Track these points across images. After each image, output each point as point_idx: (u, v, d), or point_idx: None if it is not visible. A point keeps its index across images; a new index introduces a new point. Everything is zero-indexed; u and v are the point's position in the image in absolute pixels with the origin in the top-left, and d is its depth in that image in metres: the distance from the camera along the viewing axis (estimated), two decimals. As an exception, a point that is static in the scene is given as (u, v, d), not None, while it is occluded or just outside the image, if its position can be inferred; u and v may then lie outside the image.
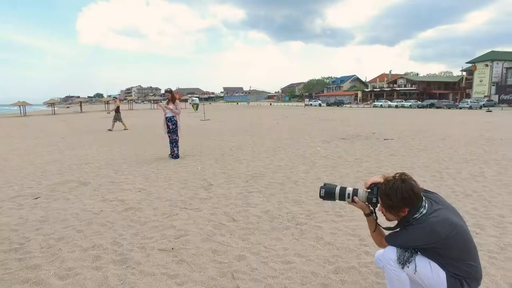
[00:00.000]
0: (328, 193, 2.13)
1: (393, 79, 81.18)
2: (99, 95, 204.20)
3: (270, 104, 78.87)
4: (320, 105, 66.88)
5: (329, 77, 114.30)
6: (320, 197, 2.14)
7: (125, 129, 16.92)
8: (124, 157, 8.64)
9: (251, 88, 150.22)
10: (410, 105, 52.00)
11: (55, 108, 55.29)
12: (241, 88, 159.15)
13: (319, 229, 3.67)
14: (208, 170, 6.71)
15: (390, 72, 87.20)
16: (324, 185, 2.17)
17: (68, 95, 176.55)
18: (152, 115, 33.33)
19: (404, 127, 15.48)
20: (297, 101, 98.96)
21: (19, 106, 49.36)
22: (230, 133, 13.65)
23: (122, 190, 5.39)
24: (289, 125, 17.51)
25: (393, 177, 1.94)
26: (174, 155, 8.11)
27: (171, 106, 7.97)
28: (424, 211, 1.85)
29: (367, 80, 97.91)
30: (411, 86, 73.08)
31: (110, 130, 16.74)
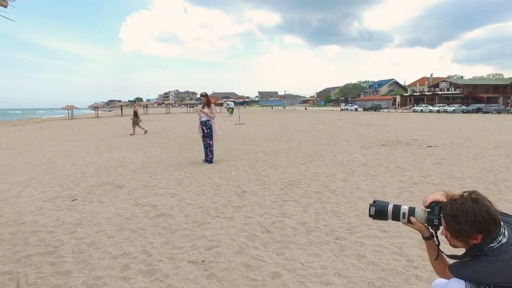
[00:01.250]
0: (379, 211, 1.83)
1: (434, 83, 77.42)
2: (139, 99, 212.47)
3: (305, 108, 78.04)
4: (356, 109, 65.16)
5: (365, 81, 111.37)
6: (370, 216, 1.85)
7: (132, 134, 16.92)
8: (159, 161, 8.70)
9: (286, 92, 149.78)
10: (454, 109, 49.24)
11: (98, 112, 58.12)
12: (276, 93, 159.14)
13: (360, 245, 3.34)
14: (242, 176, 6.54)
15: (431, 75, 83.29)
16: (374, 202, 1.87)
17: (110, 99, 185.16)
18: (188, 119, 33.99)
19: (449, 134, 14.51)
20: (333, 105, 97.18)
21: (68, 109, 52.42)
22: (264, 138, 13.46)
23: (155, 195, 5.34)
24: (325, 130, 17.04)
25: (460, 195, 1.61)
26: (208, 160, 8.03)
27: (206, 110, 7.91)
28: (504, 240, 1.51)
29: (406, 84, 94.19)
30: (455, 90, 69.23)
31: (132, 134, 16.90)
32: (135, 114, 17.37)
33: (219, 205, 4.70)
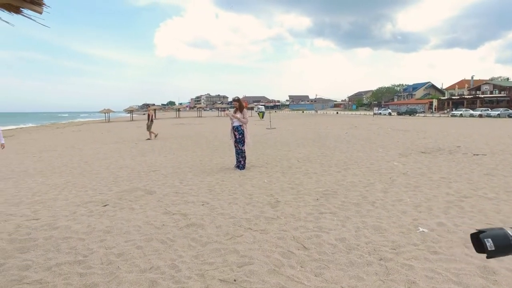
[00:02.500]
0: (503, 245, 1.16)
1: (475, 85, 73.37)
2: (171, 103, 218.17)
3: (337, 112, 76.57)
4: (390, 114, 63.00)
5: (399, 84, 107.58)
6: (486, 252, 1.20)
7: (148, 139, 16.63)
8: (190, 166, 8.63)
9: (317, 96, 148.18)
10: (499, 114, 46.23)
11: (133, 115, 60.13)
12: (307, 96, 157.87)
13: (409, 269, 2.99)
14: (274, 184, 6.29)
15: (472, 77, 79.03)
16: (480, 232, 1.17)
17: (144, 102, 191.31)
18: (219, 123, 34.23)
19: (497, 140, 13.48)
20: (365, 109, 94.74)
21: (105, 113, 54.68)
22: (296, 143, 13.14)
23: (186, 203, 5.20)
24: (359, 135, 16.43)
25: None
26: (240, 166, 7.86)
27: (238, 115, 7.75)
28: None
29: (444, 87, 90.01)
30: (499, 93, 65.21)
31: (149, 139, 16.71)
32: (149, 118, 16.97)
33: (251, 216, 4.48)
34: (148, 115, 17.03)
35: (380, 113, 63.94)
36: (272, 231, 3.94)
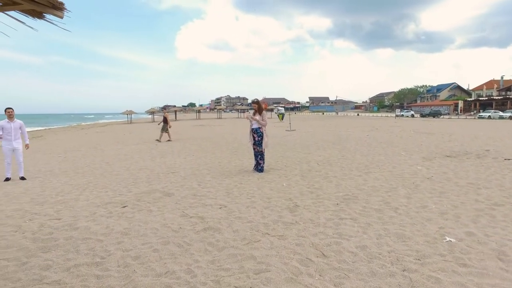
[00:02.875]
0: None
1: (505, 86, 70.46)
2: (192, 104, 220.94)
3: (357, 114, 75.38)
4: (412, 116, 61.41)
5: (423, 85, 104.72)
6: None
7: (168, 140, 16.66)
8: (209, 167, 8.63)
9: (337, 98, 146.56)
10: (531, 116, 44.22)
11: (154, 116, 61.20)
12: (327, 98, 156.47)
13: (436, 282, 2.82)
14: (293, 188, 6.17)
15: (501, 77, 75.94)
16: None
17: (166, 104, 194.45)
18: (239, 124, 34.35)
19: (528, 144, 12.83)
20: (387, 111, 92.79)
21: (127, 114, 55.90)
22: (316, 146, 12.95)
23: (203, 205, 5.17)
24: (381, 138, 16.04)
25: None
26: (259, 169, 7.78)
27: (257, 117, 7.68)
28: None
29: (470, 88, 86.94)
30: (531, 94, 62.36)
31: (158, 140, 16.74)
32: (165, 120, 17.04)
33: (269, 221, 4.39)
34: (165, 117, 17.12)
35: (403, 115, 62.43)
36: (290, 237, 3.84)
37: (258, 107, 7.75)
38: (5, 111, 7.99)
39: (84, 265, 3.32)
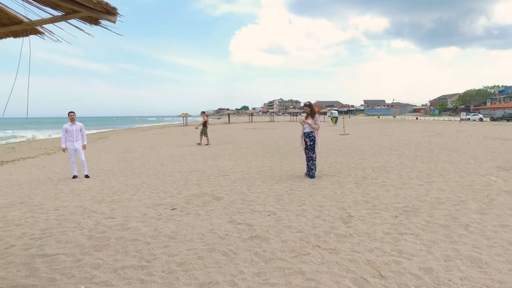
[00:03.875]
0: None
1: None
2: (245, 108, 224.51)
3: (416, 118, 70.86)
4: (481, 119, 56.14)
5: (494, 86, 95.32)
6: None
7: (206, 144, 16.45)
8: (259, 172, 8.50)
9: (394, 101, 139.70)
10: None
11: (208, 119, 63.08)
12: (383, 101, 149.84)
13: (523, 319, 2.34)
14: (347, 196, 5.78)
15: None
16: None
17: (220, 107, 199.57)
18: (291, 127, 34.04)
19: None
20: (449, 114, 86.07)
21: (182, 117, 58.34)
22: (372, 151, 12.24)
23: (252, 212, 5.02)
24: (444, 144, 14.74)
25: None
26: (311, 174, 7.47)
27: (309, 121, 7.39)
28: None
29: (554, 89, 77.39)
30: None
31: (199, 144, 16.69)
32: (204, 124, 16.74)
33: (320, 232, 4.09)
34: (205, 121, 16.85)
35: (469, 119, 57.38)
36: (344, 251, 3.51)
37: (311, 110, 7.45)
38: (68, 114, 8.61)
39: (131, 267, 3.31)
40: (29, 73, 3.00)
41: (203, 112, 17.36)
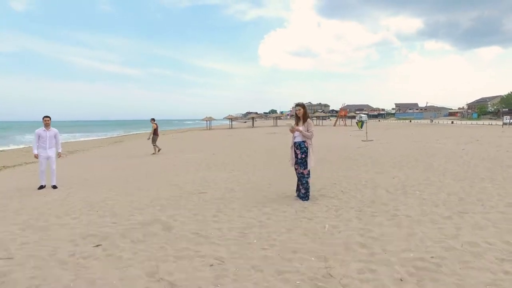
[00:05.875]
0: None
1: None
2: (273, 111, 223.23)
3: (452, 122, 66.18)
4: (527, 124, 51.22)
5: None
6: None
7: (153, 154, 15.09)
8: (247, 189, 6.99)
9: (428, 104, 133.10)
10: None
11: (233, 122, 62.21)
12: (416, 104, 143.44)
13: None
14: (338, 234, 4.12)
15: None
16: None
17: (248, 111, 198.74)
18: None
19: None
20: (490, 118, 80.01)
21: (206, 120, 57.70)
22: (392, 162, 10.37)
23: (192, 257, 3.52)
24: (482, 153, 12.50)
25: None
26: (301, 195, 5.87)
27: (300, 127, 5.78)
28: None
29: None
30: None
31: (153, 154, 15.25)
32: (155, 132, 15.41)
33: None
34: (155, 129, 15.48)
35: (512, 124, 52.56)
36: None
37: (304, 113, 5.84)
38: (43, 119, 7.83)
39: None
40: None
41: (152, 119, 15.82)
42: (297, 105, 5.93)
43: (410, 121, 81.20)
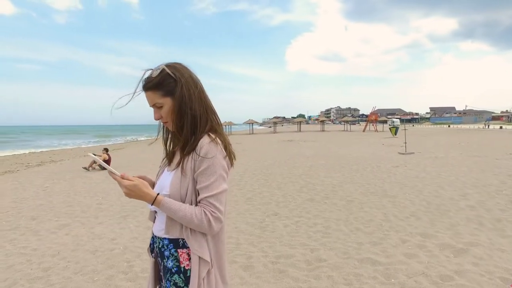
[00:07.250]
0: None
1: None
2: (301, 116, 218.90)
3: (500, 127, 58.93)
4: None
5: None
6: None
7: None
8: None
9: (467, 108, 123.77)
10: None
11: (257, 127, 58.87)
12: (453, 108, 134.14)
13: None
14: None
15: None
16: None
17: (275, 115, 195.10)
18: (338, 140, 27.81)
19: None
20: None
21: (226, 125, 54.71)
22: (465, 204, 6.19)
23: None
24: None
25: None
26: None
27: (166, 168, 1.49)
28: None
29: None
30: None
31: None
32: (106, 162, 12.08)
33: None
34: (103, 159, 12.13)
35: None
36: None
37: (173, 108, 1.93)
38: None
39: None
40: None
41: (105, 149, 13.39)
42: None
43: (449, 126, 74.22)
